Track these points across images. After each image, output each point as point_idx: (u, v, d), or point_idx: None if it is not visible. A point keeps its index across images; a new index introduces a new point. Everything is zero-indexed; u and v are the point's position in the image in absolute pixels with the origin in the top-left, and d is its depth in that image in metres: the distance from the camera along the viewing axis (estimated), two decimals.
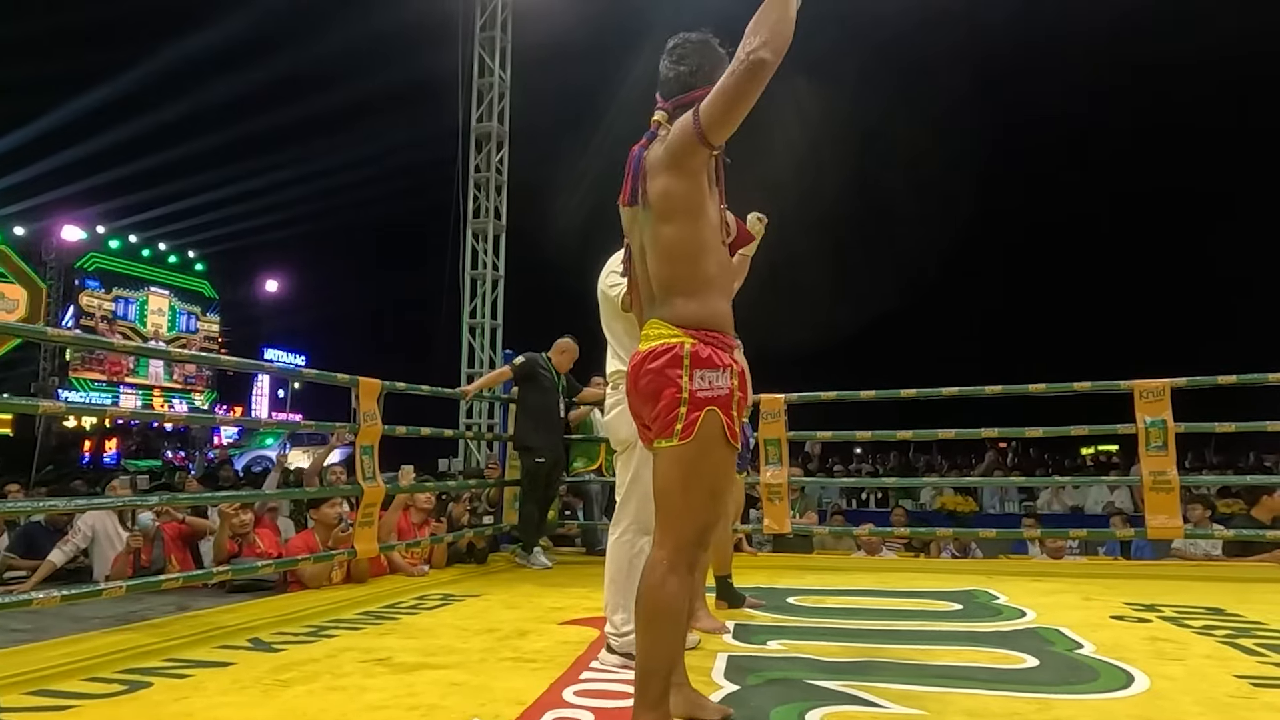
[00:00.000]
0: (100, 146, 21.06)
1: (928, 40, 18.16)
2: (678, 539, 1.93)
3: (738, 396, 1.97)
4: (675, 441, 1.92)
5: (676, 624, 1.92)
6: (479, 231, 10.57)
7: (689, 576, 1.94)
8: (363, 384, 4.70)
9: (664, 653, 1.89)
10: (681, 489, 1.94)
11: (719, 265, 2.04)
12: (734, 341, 2.05)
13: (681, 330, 1.96)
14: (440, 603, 4.14)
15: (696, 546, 1.95)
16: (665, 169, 1.99)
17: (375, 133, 24.37)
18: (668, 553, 1.93)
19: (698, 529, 1.95)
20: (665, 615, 1.89)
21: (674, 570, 1.90)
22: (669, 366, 1.94)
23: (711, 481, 1.94)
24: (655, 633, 1.89)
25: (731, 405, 1.95)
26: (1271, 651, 2.88)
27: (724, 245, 2.11)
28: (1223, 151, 18.81)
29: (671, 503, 1.96)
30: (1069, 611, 3.71)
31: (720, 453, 1.94)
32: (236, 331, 26.88)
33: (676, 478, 1.94)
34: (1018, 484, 10.15)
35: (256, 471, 13.22)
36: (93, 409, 14.76)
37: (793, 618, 3.69)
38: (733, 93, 1.87)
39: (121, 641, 3.26)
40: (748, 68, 1.84)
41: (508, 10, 10.70)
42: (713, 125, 1.91)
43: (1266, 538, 5.18)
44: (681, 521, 1.94)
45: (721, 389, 1.93)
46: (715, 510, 1.98)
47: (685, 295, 1.98)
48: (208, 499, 5.01)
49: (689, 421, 1.91)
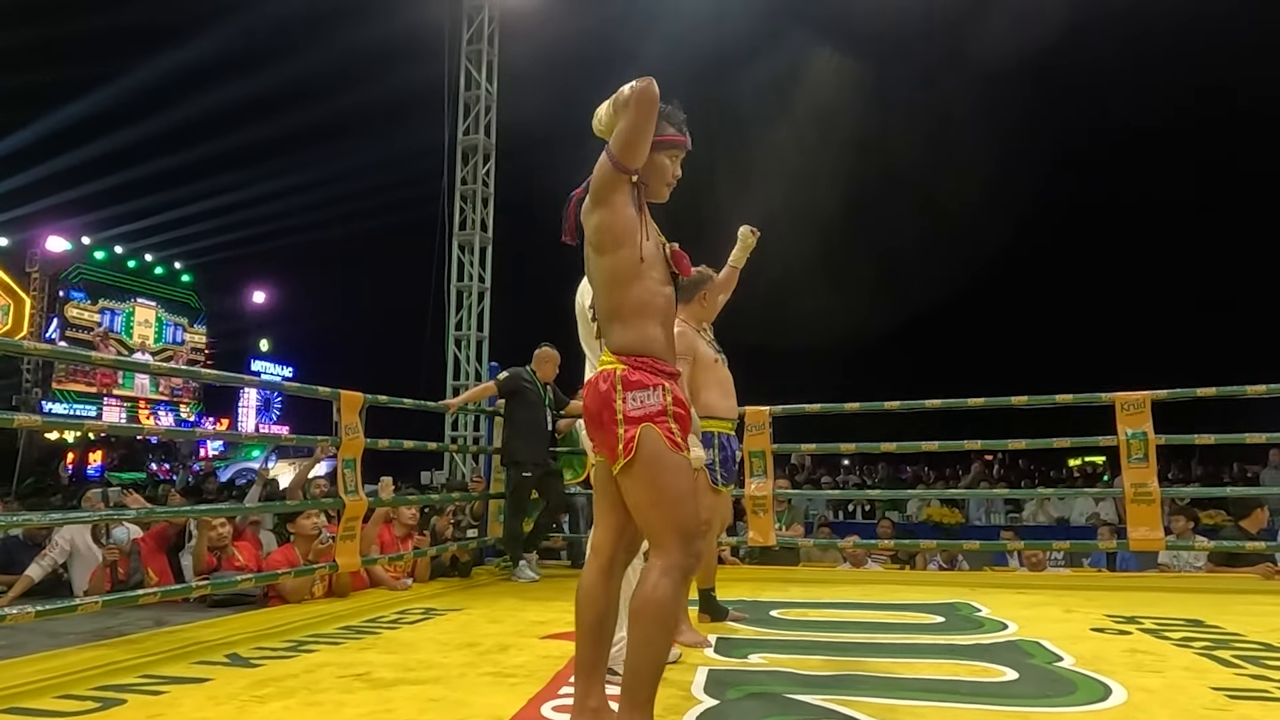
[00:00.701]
0: (86, 157, 20.95)
1: (916, 54, 18.32)
2: (667, 546, 2.02)
3: (673, 410, 2.06)
4: (623, 461, 2.03)
5: (665, 629, 1.98)
6: (465, 244, 10.57)
7: (684, 584, 2.04)
8: (344, 397, 4.68)
9: (652, 655, 1.96)
10: (652, 503, 2.03)
11: (653, 292, 2.14)
12: (670, 368, 2.14)
13: (616, 357, 2.10)
14: (422, 617, 4.12)
15: (687, 553, 2.02)
16: (593, 204, 2.15)
17: (362, 145, 24.41)
18: (661, 561, 2.01)
19: (681, 535, 2.02)
20: (654, 618, 1.95)
21: (667, 576, 1.98)
22: (607, 392, 2.07)
23: (672, 488, 2.02)
24: (645, 635, 1.96)
25: (667, 418, 2.05)
26: (1249, 663, 2.89)
27: (662, 272, 2.18)
28: (1202, 165, 19.06)
29: (649, 517, 2.05)
30: (1050, 624, 3.72)
31: (669, 459, 2.03)
32: (223, 343, 26.75)
33: (640, 494, 2.04)
34: (1002, 496, 10.17)
35: (241, 484, 13.12)
36: (72, 422, 14.63)
37: (775, 631, 3.68)
38: (626, 124, 2.08)
39: (97, 658, 3.23)
40: (629, 103, 2.08)
41: (494, 24, 10.73)
42: (622, 151, 2.09)
43: (1246, 549, 5.22)
44: (665, 529, 2.03)
45: (654, 405, 2.05)
46: (689, 513, 2.05)
47: (621, 322, 2.12)
48: (186, 512, 4.96)
49: (628, 440, 2.02)
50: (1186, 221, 19.50)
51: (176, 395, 25.09)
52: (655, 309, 2.14)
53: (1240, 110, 17.43)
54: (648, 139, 2.11)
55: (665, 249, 2.22)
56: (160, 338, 24.70)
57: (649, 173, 2.22)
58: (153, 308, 24.51)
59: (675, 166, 2.29)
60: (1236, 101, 17.27)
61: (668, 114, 2.22)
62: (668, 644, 2.01)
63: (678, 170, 2.30)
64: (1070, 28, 16.22)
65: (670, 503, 2.02)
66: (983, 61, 17.55)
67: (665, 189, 2.29)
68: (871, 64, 17.49)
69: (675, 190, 2.34)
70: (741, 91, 18.68)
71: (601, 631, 2.14)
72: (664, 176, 2.26)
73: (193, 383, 24.93)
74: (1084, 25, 15.97)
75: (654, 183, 2.25)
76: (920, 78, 19.05)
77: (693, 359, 3.59)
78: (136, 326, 23.93)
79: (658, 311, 2.14)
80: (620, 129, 2.10)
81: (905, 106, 19.43)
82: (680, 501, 2.03)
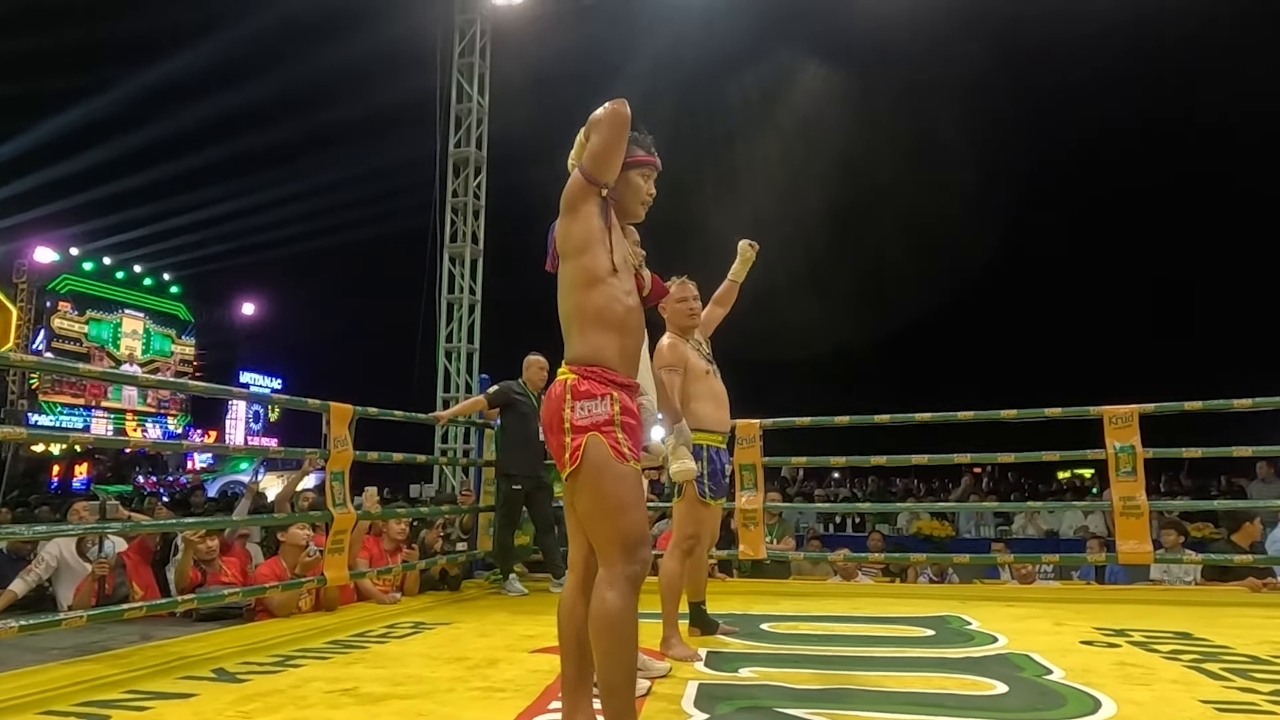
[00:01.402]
0: (75, 168, 20.90)
1: (902, 69, 18.46)
2: (611, 556, 2.04)
3: (621, 420, 2.10)
4: (570, 469, 2.07)
5: (622, 640, 2.00)
6: (456, 256, 10.57)
7: (632, 594, 2.03)
8: (334, 409, 4.66)
9: (617, 669, 1.99)
10: (596, 512, 2.07)
11: (610, 298, 2.17)
12: (623, 379, 2.17)
13: (568, 367, 2.16)
14: (411, 631, 4.09)
15: (631, 562, 2.04)
16: (562, 213, 2.22)
17: (353, 157, 24.38)
18: (605, 572, 2.05)
19: (623, 545, 2.04)
20: (608, 632, 1.99)
21: (614, 587, 2.01)
22: (557, 400, 2.13)
23: (616, 498, 2.04)
24: (604, 650, 2.00)
25: (614, 427, 2.08)
26: (1237, 676, 2.90)
27: (629, 285, 2.24)
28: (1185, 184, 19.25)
29: (594, 526, 2.10)
30: (1040, 637, 3.72)
31: (614, 469, 2.06)
32: (212, 355, 26.62)
33: (585, 502, 2.09)
34: (991, 509, 10.19)
35: (230, 496, 13.04)
36: (59, 434, 14.48)
37: (766, 644, 3.67)
38: (598, 139, 2.18)
39: (81, 673, 3.19)
40: (601, 120, 2.18)
41: (486, 38, 10.78)
42: (593, 164, 2.18)
43: (1235, 562, 5.24)
44: (609, 539, 2.05)
45: (600, 415, 2.08)
46: (637, 524, 2.07)
47: (577, 332, 2.18)
48: (173, 525, 4.93)
49: (574, 448, 2.07)
50: (1175, 234, 19.68)
51: (164, 407, 24.97)
52: (612, 317, 2.16)
53: (1231, 124, 17.61)
54: (619, 155, 2.21)
55: (638, 268, 2.28)
56: (148, 349, 24.59)
57: (623, 190, 2.32)
58: (140, 319, 24.41)
59: (649, 185, 2.39)
60: (1227, 115, 17.47)
61: (637, 139, 2.32)
62: (629, 655, 2.02)
63: (651, 189, 2.40)
64: (1055, 41, 16.42)
65: (613, 512, 2.04)
66: (968, 76, 17.76)
67: (640, 207, 2.39)
68: (856, 78, 17.64)
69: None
70: (729, 106, 18.83)
71: (584, 647, 2.14)
72: (638, 195, 2.36)
73: (180, 394, 24.80)
74: (1068, 39, 16.15)
75: (628, 200, 2.35)
76: (905, 92, 19.23)
77: (684, 370, 3.60)
78: (124, 338, 23.83)
79: (614, 320, 2.17)
80: (592, 143, 2.18)
81: (891, 120, 19.58)
82: (623, 510, 2.05)
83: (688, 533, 3.65)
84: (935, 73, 18.24)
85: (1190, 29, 15.28)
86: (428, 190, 10.58)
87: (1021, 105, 19.06)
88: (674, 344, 3.63)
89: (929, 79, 18.45)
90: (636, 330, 2.26)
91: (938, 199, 19.46)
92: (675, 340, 3.65)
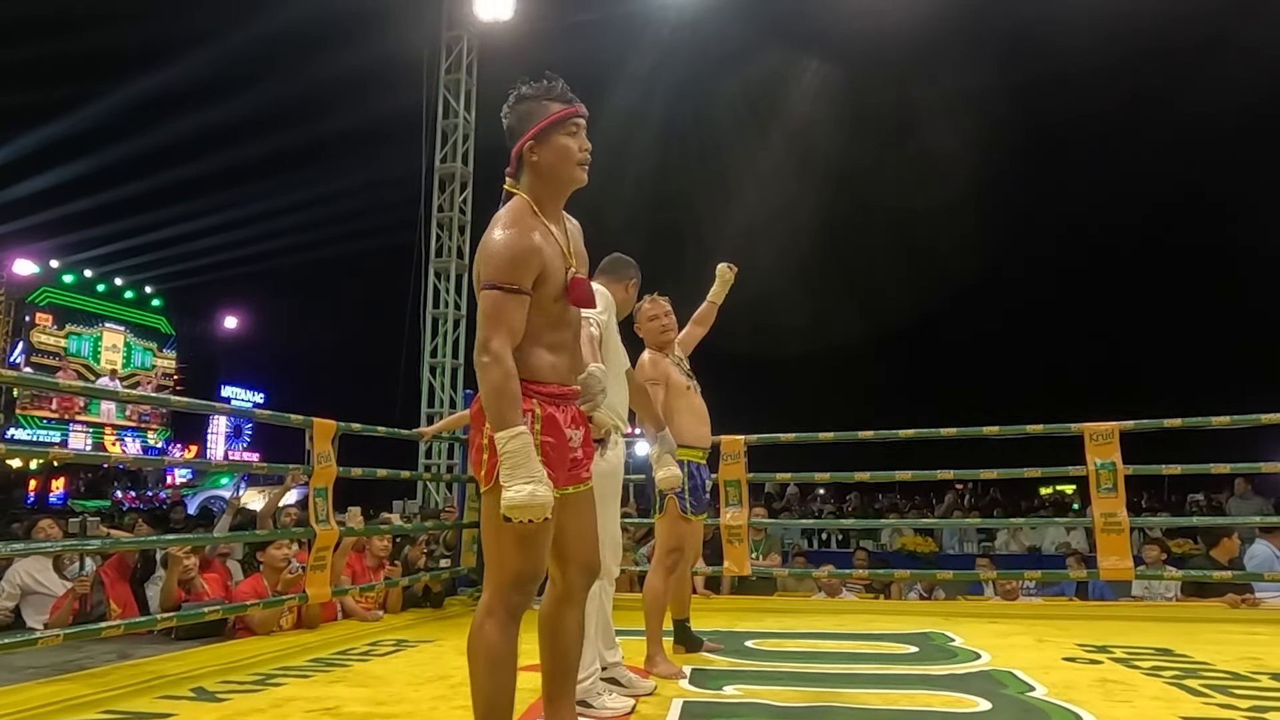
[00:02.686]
0: (56, 180, 20.75)
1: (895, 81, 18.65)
2: (495, 584, 1.98)
3: (538, 442, 1.95)
4: (483, 488, 1.98)
5: (495, 669, 1.93)
6: (441, 271, 10.55)
7: (509, 623, 1.96)
8: (317, 425, 4.63)
9: (487, 698, 1.93)
10: (493, 535, 1.97)
11: (538, 309, 2.01)
12: (557, 389, 2.04)
13: None
14: (393, 649, 4.05)
15: (513, 592, 1.97)
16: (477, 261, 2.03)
17: (338, 171, 24.31)
18: (487, 597, 1.98)
19: (511, 575, 1.96)
20: (475, 656, 1.94)
21: (491, 615, 1.95)
22: (478, 416, 2.00)
23: (519, 528, 1.88)
24: (475, 677, 1.94)
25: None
26: (1217, 692, 2.92)
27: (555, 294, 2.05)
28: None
29: (488, 548, 2.01)
30: (1023, 653, 3.74)
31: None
32: (193, 369, 26.40)
33: (488, 524, 1.99)
34: (974, 525, 10.23)
35: (213, 512, 12.87)
36: (38, 450, 14.29)
37: (750, 662, 3.67)
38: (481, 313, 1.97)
39: (57, 692, 3.14)
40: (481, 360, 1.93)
41: (473, 54, 10.81)
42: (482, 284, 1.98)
43: (1215, 578, 5.28)
44: (497, 567, 1.98)
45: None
46: (527, 558, 1.96)
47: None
48: (153, 542, 4.87)
49: (489, 467, 1.94)
50: (1157, 252, 19.94)
51: (144, 421, 24.71)
52: (536, 326, 2.00)
53: (1212, 140, 17.88)
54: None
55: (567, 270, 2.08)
56: (129, 362, 24.35)
57: (551, 160, 2.06)
58: (121, 332, 24.18)
59: (580, 139, 2.09)
60: (1211, 133, 17.71)
61: (545, 90, 2.07)
62: (493, 686, 1.93)
63: (584, 143, 2.10)
64: (1045, 57, 16.64)
65: (512, 541, 1.93)
66: (959, 88, 17.96)
67: (578, 169, 2.10)
68: (848, 90, 17.80)
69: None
70: (718, 120, 18.96)
71: (565, 663, 2.13)
72: (570, 157, 2.07)
73: (161, 409, 24.55)
74: (1059, 54, 16.34)
75: (561, 169, 2.07)
76: (898, 104, 19.41)
77: (665, 385, 3.62)
78: (104, 351, 23.59)
79: (537, 330, 2.01)
80: (482, 304, 1.97)
81: (882, 132, 19.77)
82: (522, 542, 1.93)
83: (670, 548, 3.65)
84: (924, 91, 18.46)
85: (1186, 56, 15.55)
86: (413, 205, 10.57)
87: (1020, 115, 19.26)
88: (655, 359, 3.67)
89: (919, 97, 18.67)
90: (565, 338, 2.10)
91: (924, 213, 19.65)
92: (656, 356, 3.69)
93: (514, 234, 1.99)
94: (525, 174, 2.09)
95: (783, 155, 18.43)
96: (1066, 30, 14.07)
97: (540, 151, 2.05)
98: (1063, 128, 19.51)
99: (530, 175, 2.08)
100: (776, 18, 14.36)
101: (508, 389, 1.89)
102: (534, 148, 2.05)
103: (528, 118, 2.07)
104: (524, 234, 1.99)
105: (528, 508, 1.82)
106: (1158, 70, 16.78)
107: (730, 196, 19.99)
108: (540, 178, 2.08)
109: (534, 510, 1.82)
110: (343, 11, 15.80)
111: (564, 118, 2.06)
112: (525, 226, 2.01)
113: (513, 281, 1.95)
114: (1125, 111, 18.41)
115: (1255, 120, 17.06)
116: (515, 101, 2.11)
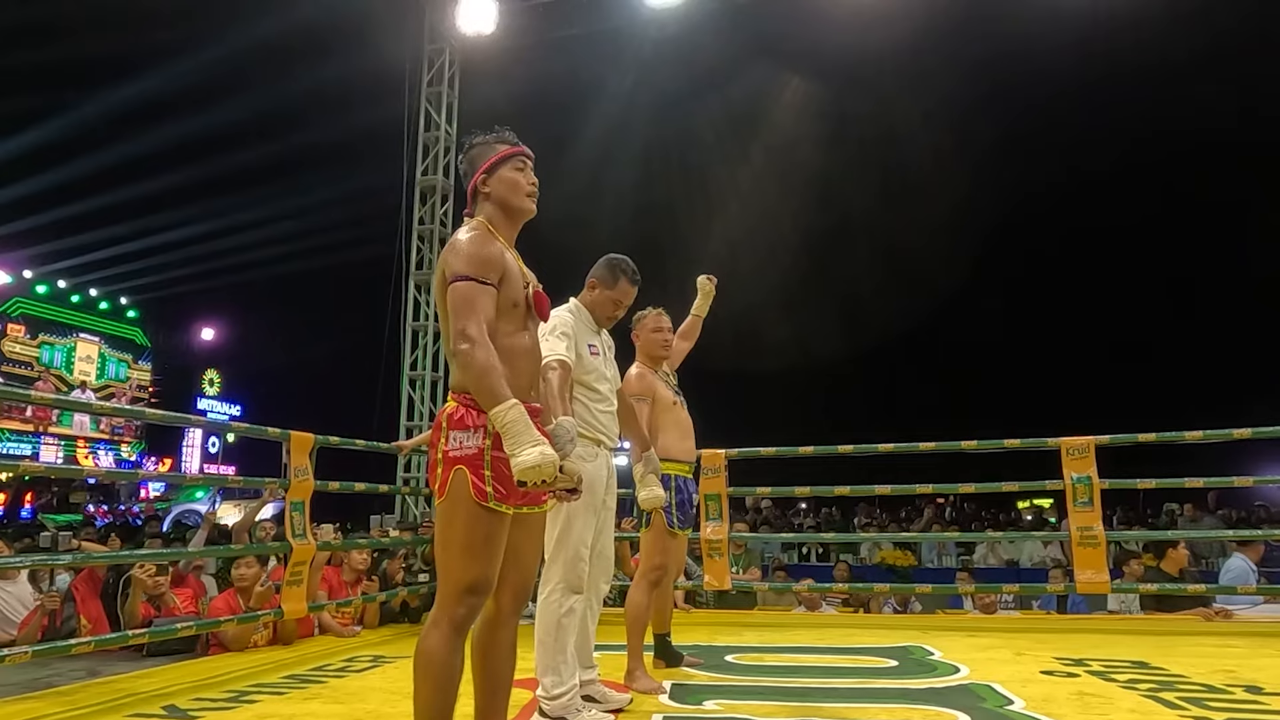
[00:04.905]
0: (30, 189, 20.43)
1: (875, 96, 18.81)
2: (441, 594, 2.01)
3: (491, 456, 2.00)
4: (437, 500, 2.03)
5: (436, 681, 1.94)
6: (422, 283, 10.52)
7: (453, 635, 1.97)
8: (294, 438, 4.59)
9: (428, 709, 1.94)
10: (442, 546, 2.02)
11: (498, 314, 2.08)
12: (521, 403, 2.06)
13: (452, 394, 2.11)
14: (370, 664, 4.01)
15: (458, 604, 1.98)
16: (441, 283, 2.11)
17: (318, 183, 24.13)
18: (436, 610, 2.00)
19: (457, 586, 1.98)
20: (419, 668, 1.96)
21: (435, 626, 1.97)
22: (437, 430, 2.08)
23: (465, 540, 1.97)
24: (418, 688, 1.96)
25: (481, 464, 2.00)
26: (1192, 705, 2.95)
27: (515, 299, 2.14)
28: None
29: (439, 559, 2.05)
30: (1001, 666, 3.75)
31: (468, 510, 1.98)
32: (169, 381, 26.07)
33: (439, 535, 2.04)
34: (953, 539, 10.29)
35: (187, 525, 12.69)
36: (8, 464, 14.09)
37: (730, 676, 3.66)
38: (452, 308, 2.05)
39: (24, 711, 3.08)
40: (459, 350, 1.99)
41: (455, 67, 10.82)
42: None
43: (1187, 591, 5.33)
44: (445, 578, 2.01)
45: (470, 448, 2.01)
46: (475, 569, 1.99)
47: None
48: (126, 556, 4.79)
49: (442, 480, 2.02)
50: (1141, 266, 20.20)
51: (117, 434, 24.35)
52: (497, 340, 2.04)
53: (1191, 153, 18.12)
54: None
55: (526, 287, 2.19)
56: (103, 374, 24.02)
57: (502, 192, 2.23)
58: (95, 343, 23.86)
59: (528, 174, 2.27)
60: (1193, 145, 17.95)
61: (495, 137, 2.28)
62: (436, 698, 1.94)
63: (531, 178, 2.27)
64: (1028, 71, 16.84)
65: (460, 552, 1.98)
66: (941, 104, 18.17)
67: (527, 199, 2.26)
68: (829, 105, 17.95)
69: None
70: (698, 137, 19.07)
71: (497, 680, 2.13)
72: (518, 189, 2.24)
73: (134, 421, 24.23)
74: (1042, 69, 16.54)
75: (511, 199, 2.24)
76: (879, 120, 19.56)
77: (652, 400, 3.62)
78: (78, 362, 23.26)
79: (498, 344, 2.04)
80: (451, 299, 2.04)
81: (864, 147, 19.92)
82: (469, 553, 1.98)
83: (655, 563, 3.64)
84: (907, 109, 18.64)
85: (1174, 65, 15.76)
86: (393, 218, 10.53)
87: (996, 136, 19.48)
88: (642, 374, 3.67)
89: (903, 114, 18.83)
90: (524, 354, 2.15)
91: (906, 228, 19.82)
92: (644, 370, 3.69)
93: (480, 237, 2.15)
94: (480, 207, 2.26)
95: (764, 169, 18.56)
96: (1047, 45, 14.27)
97: (492, 184, 2.24)
98: (1042, 147, 19.73)
99: (485, 207, 2.25)
100: (758, 33, 14.48)
101: (494, 366, 1.95)
102: (486, 181, 2.24)
103: (479, 159, 2.27)
104: (489, 240, 2.15)
105: (539, 467, 1.85)
106: (1139, 87, 17.01)
107: (712, 210, 20.08)
108: (494, 207, 2.24)
109: (546, 469, 1.86)
110: (324, 23, 15.77)
111: (511, 155, 2.26)
112: (489, 236, 2.17)
113: (483, 275, 2.07)
114: (1107, 129, 18.65)
115: (1239, 137, 17.38)
116: (467, 149, 2.33)
